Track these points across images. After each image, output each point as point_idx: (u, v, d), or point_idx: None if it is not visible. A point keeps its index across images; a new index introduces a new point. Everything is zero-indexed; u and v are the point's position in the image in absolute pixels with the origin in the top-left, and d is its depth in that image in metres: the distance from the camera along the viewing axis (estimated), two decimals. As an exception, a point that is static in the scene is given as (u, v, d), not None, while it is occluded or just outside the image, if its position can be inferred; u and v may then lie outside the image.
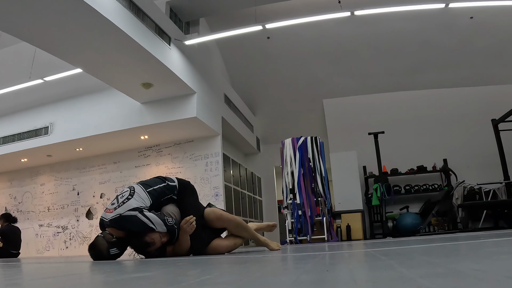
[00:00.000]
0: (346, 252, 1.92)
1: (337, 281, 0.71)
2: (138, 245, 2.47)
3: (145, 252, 2.50)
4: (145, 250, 2.47)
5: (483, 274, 0.64)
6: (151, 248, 2.46)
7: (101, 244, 2.42)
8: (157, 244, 2.47)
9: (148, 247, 2.45)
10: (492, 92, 8.47)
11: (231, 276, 0.93)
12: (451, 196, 6.96)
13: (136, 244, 2.47)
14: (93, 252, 2.44)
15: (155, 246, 2.47)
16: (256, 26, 5.79)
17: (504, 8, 7.21)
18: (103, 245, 2.42)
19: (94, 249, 2.43)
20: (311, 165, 6.16)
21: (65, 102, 7.34)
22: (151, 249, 2.47)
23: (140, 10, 5.06)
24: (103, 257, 2.40)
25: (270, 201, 10.24)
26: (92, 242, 2.47)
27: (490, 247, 1.44)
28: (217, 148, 7.28)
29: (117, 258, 2.50)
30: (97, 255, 2.42)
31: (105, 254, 2.39)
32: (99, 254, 2.41)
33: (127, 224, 2.43)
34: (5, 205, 8.93)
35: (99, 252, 2.41)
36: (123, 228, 2.45)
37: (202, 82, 6.82)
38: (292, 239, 5.87)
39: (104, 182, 7.98)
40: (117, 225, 2.45)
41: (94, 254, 2.44)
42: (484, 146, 7.94)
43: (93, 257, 2.45)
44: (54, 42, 4.64)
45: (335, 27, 8.10)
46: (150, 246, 2.45)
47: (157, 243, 2.47)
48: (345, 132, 9.09)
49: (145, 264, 1.66)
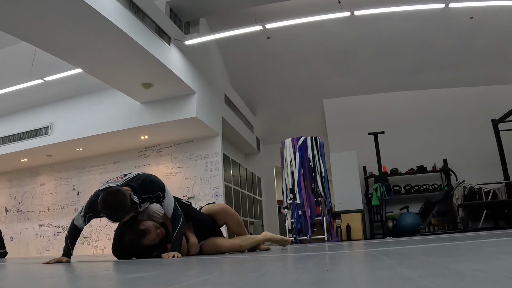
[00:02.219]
0: (346, 252, 1.92)
1: (337, 281, 0.71)
2: (133, 238, 2.41)
3: (143, 250, 2.47)
4: (141, 243, 2.41)
5: (483, 274, 0.64)
6: (146, 239, 2.40)
7: (124, 191, 2.21)
8: (152, 234, 2.41)
9: (144, 236, 2.40)
10: (492, 92, 8.47)
11: (231, 276, 0.93)
12: (451, 196, 6.96)
13: (131, 236, 2.41)
14: (115, 202, 2.18)
15: (150, 236, 2.42)
16: (256, 26, 5.79)
17: (504, 8, 7.21)
18: (126, 191, 2.22)
19: (117, 196, 2.18)
20: (311, 165, 6.16)
21: (65, 102, 7.34)
22: (145, 241, 2.40)
23: (140, 10, 5.06)
24: (124, 206, 2.19)
25: (270, 201, 10.24)
26: (111, 192, 2.20)
27: (490, 247, 1.44)
28: (217, 148, 7.28)
29: (136, 211, 2.33)
30: (120, 204, 2.18)
31: (129, 203, 2.20)
32: (122, 204, 2.18)
33: (145, 184, 2.38)
34: (5, 205, 8.93)
35: (122, 201, 2.17)
36: (141, 185, 2.36)
37: (202, 82, 6.82)
38: (292, 239, 5.87)
39: (104, 182, 7.98)
40: (134, 182, 2.36)
41: (116, 204, 2.18)
42: (484, 146, 7.94)
43: (113, 210, 2.19)
44: (54, 42, 4.64)
45: (335, 27, 8.10)
46: (146, 235, 2.40)
47: (152, 232, 2.41)
48: (345, 132, 9.09)
49: (145, 264, 1.66)
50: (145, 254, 2.53)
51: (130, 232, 2.44)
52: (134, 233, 2.42)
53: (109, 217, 2.25)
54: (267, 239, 2.91)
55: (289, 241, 3.01)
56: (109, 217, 2.25)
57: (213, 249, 2.66)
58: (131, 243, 2.45)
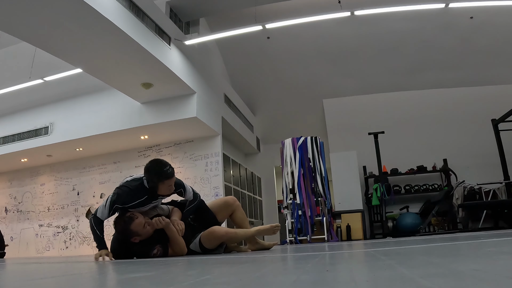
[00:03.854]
0: (346, 252, 1.92)
1: (337, 281, 0.71)
2: (123, 227, 2.49)
3: (128, 236, 2.51)
4: (130, 229, 2.47)
5: (483, 274, 0.64)
6: (134, 224, 2.46)
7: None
8: (139, 219, 2.49)
9: (131, 221, 2.46)
10: (492, 92, 8.47)
11: (231, 276, 0.93)
12: (451, 196, 6.96)
13: (120, 226, 2.49)
14: (162, 161, 2.63)
15: (138, 221, 2.47)
16: (256, 26, 5.79)
17: (504, 8, 7.22)
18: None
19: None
20: (311, 165, 6.16)
21: (65, 102, 7.33)
22: (133, 226, 2.47)
23: (140, 10, 5.06)
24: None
25: (270, 201, 10.24)
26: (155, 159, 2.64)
27: (490, 247, 1.44)
28: (217, 148, 7.28)
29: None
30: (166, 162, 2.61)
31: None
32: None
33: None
34: (5, 205, 8.92)
35: (165, 164, 2.61)
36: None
37: (202, 82, 6.82)
38: (292, 239, 5.87)
39: (104, 182, 7.98)
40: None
41: (164, 162, 2.62)
42: (484, 146, 7.94)
43: (166, 164, 2.59)
44: (54, 42, 4.64)
45: (335, 27, 8.10)
46: (132, 219, 2.47)
47: (140, 218, 2.50)
48: (345, 132, 9.09)
49: (145, 264, 1.66)
50: (144, 252, 2.53)
51: (118, 222, 2.53)
52: (122, 220, 2.50)
53: (169, 171, 2.58)
54: (257, 231, 2.90)
55: (279, 225, 2.94)
56: (168, 170, 2.58)
57: (211, 238, 2.70)
58: (123, 232, 2.51)
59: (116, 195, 2.54)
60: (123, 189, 2.57)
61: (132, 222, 2.47)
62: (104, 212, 2.53)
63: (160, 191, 2.61)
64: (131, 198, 2.56)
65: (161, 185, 2.56)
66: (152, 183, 2.55)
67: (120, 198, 2.53)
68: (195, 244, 2.72)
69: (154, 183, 2.54)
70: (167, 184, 2.58)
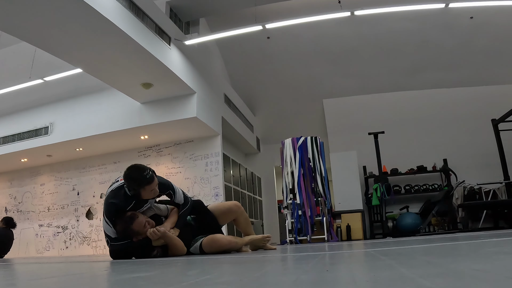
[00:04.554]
0: (346, 252, 1.92)
1: (337, 281, 0.71)
2: (124, 227, 2.49)
3: (130, 236, 2.52)
4: (132, 228, 2.48)
5: (483, 274, 0.64)
6: (135, 224, 2.48)
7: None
8: (140, 218, 2.51)
9: (133, 220, 2.48)
10: (492, 92, 8.47)
11: (231, 276, 0.93)
12: (451, 196, 6.96)
13: (121, 225, 2.50)
14: (139, 165, 2.57)
15: (139, 220, 2.50)
16: (256, 26, 5.79)
17: (504, 8, 7.21)
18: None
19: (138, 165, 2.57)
20: (311, 165, 6.16)
21: (65, 102, 7.33)
22: (135, 225, 2.48)
23: (140, 10, 5.06)
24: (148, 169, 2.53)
25: (270, 201, 10.24)
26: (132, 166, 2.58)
27: (490, 247, 1.44)
28: (217, 148, 7.28)
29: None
30: (143, 166, 2.55)
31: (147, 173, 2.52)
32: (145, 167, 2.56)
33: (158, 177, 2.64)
34: (5, 205, 8.92)
35: (143, 169, 2.52)
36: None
37: (202, 82, 6.82)
38: (292, 239, 5.87)
39: (104, 182, 7.98)
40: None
41: (141, 166, 2.56)
42: (484, 146, 7.94)
43: (144, 169, 2.53)
44: (54, 42, 4.64)
45: (335, 27, 8.10)
46: (134, 219, 2.48)
47: (140, 217, 2.53)
48: (345, 132, 9.09)
49: (145, 264, 1.66)
50: (144, 254, 2.54)
51: (119, 222, 2.52)
52: (123, 220, 2.50)
53: (148, 175, 2.52)
54: (250, 240, 2.94)
55: (269, 236, 3.03)
56: (148, 175, 2.53)
57: (213, 246, 2.69)
58: (124, 231, 2.51)
59: (113, 205, 2.55)
60: (112, 200, 2.57)
61: (134, 221, 2.49)
62: (111, 230, 2.54)
63: (144, 197, 2.59)
64: (123, 206, 2.57)
65: (142, 191, 2.53)
66: (133, 190, 2.52)
67: (117, 209, 2.55)
68: (196, 248, 2.72)
69: (136, 190, 2.52)
70: (148, 189, 2.54)
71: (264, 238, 2.96)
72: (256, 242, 2.94)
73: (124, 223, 2.48)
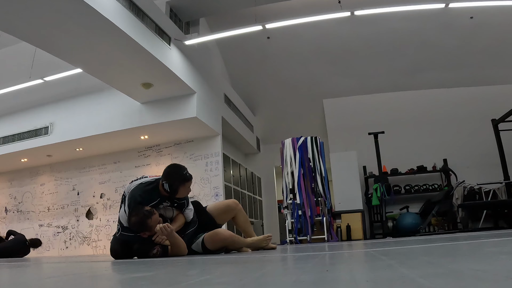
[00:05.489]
0: (346, 252, 1.92)
1: (337, 281, 0.71)
2: (141, 219, 2.51)
3: (142, 229, 2.54)
4: (147, 223, 2.50)
5: (483, 274, 0.64)
6: (152, 220, 2.51)
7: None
8: (156, 215, 2.56)
9: (151, 215, 2.52)
10: (492, 92, 8.47)
11: (231, 276, 0.93)
12: (451, 196, 6.96)
13: (139, 217, 2.52)
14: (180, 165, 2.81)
15: (155, 217, 2.54)
16: (256, 26, 5.78)
17: (504, 8, 7.21)
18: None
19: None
20: (311, 165, 6.16)
21: (65, 102, 7.33)
22: (152, 221, 2.51)
23: (140, 10, 5.06)
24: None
25: (270, 201, 10.24)
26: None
27: (490, 247, 1.44)
28: (217, 148, 7.28)
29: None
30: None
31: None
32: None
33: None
34: (5, 205, 8.93)
35: (183, 168, 2.77)
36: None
37: (202, 82, 6.82)
38: (292, 239, 5.87)
39: (104, 182, 7.98)
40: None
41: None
42: (484, 146, 7.94)
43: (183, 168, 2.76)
44: (54, 42, 4.64)
45: (335, 27, 8.10)
46: (152, 214, 2.53)
47: (157, 214, 2.57)
48: (345, 132, 9.08)
49: (145, 264, 1.66)
50: (144, 251, 2.54)
51: (136, 213, 2.54)
52: (142, 213, 2.52)
53: (188, 173, 2.76)
54: (251, 242, 2.93)
55: (270, 235, 3.03)
56: (188, 173, 2.76)
57: (215, 240, 2.73)
58: (138, 223, 2.52)
59: (139, 197, 2.64)
60: (140, 192, 2.68)
61: (152, 216, 2.52)
62: (126, 219, 2.62)
63: (180, 194, 2.74)
64: (147, 202, 2.66)
65: (182, 188, 2.71)
66: (174, 186, 2.66)
67: (142, 201, 2.64)
68: (198, 245, 2.73)
69: (176, 186, 2.67)
70: (187, 185, 2.74)
71: (265, 238, 2.98)
72: (258, 243, 2.94)
73: (143, 215, 2.51)
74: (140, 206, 2.59)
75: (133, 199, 2.64)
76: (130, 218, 2.56)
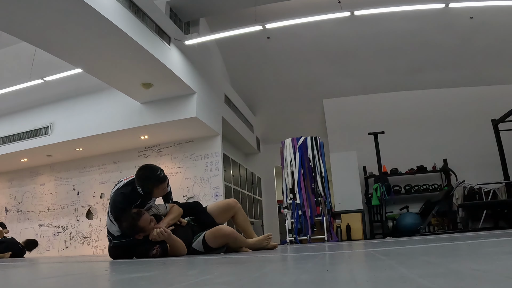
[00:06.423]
0: (346, 252, 1.92)
1: (337, 281, 0.71)
2: (130, 223, 2.51)
3: (135, 232, 2.54)
4: (138, 225, 2.50)
5: (483, 274, 0.64)
6: (142, 220, 2.50)
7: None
8: (146, 215, 2.54)
9: (139, 216, 2.50)
10: (492, 92, 8.47)
11: (231, 276, 0.93)
12: (451, 196, 6.96)
13: (128, 221, 2.51)
14: (151, 165, 2.73)
15: (145, 217, 2.52)
16: (256, 26, 5.79)
17: (504, 8, 7.21)
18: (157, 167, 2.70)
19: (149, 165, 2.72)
20: (311, 165, 6.16)
21: (65, 102, 7.33)
22: (141, 222, 2.50)
23: (140, 10, 5.06)
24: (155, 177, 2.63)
25: (270, 201, 10.24)
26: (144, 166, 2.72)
27: (490, 247, 1.44)
28: (217, 148, 7.28)
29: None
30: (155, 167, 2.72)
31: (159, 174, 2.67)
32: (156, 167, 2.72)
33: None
34: (5, 205, 8.93)
35: (156, 169, 2.68)
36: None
37: (202, 82, 6.82)
38: (292, 239, 5.87)
39: (104, 182, 7.98)
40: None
41: (154, 166, 2.73)
42: (484, 146, 7.94)
43: (157, 169, 2.69)
44: (54, 42, 4.64)
45: (335, 27, 8.10)
46: (140, 215, 2.51)
47: (146, 214, 2.56)
48: (345, 132, 9.09)
49: (145, 264, 1.66)
50: (144, 252, 2.55)
51: (125, 218, 2.54)
52: (130, 217, 2.52)
53: (161, 175, 2.69)
54: (253, 244, 2.93)
55: (270, 235, 3.04)
56: (161, 174, 2.69)
57: (217, 236, 2.72)
58: (130, 228, 2.52)
59: (119, 203, 2.62)
60: (119, 199, 2.65)
61: (140, 218, 2.52)
62: (114, 228, 2.62)
63: (155, 195, 2.73)
64: (128, 205, 2.64)
65: (156, 190, 2.68)
66: (146, 189, 2.63)
67: (123, 206, 2.62)
68: (199, 243, 2.73)
69: (149, 189, 2.64)
70: (161, 187, 2.70)
71: (266, 238, 2.99)
72: (258, 243, 2.94)
73: (132, 219, 2.51)
74: (125, 211, 2.58)
75: (115, 207, 2.63)
76: (121, 224, 2.57)
